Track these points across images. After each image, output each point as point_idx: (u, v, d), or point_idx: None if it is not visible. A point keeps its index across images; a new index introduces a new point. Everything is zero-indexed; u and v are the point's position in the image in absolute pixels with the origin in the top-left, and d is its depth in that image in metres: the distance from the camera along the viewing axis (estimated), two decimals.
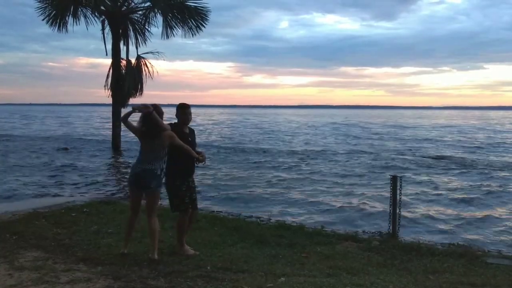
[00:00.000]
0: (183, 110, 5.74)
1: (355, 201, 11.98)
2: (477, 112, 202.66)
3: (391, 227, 7.38)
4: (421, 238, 8.14)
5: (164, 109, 5.65)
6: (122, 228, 6.90)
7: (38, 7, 20.89)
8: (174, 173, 5.60)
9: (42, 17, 21.03)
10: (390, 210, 7.41)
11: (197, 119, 69.19)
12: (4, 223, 7.06)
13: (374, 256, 6.11)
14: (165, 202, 10.18)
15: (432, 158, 22.65)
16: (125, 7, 22.00)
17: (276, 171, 17.44)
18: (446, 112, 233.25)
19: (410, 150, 26.96)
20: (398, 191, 7.32)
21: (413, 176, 16.40)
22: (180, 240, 5.76)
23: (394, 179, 7.39)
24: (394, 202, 7.33)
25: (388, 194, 7.66)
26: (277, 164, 19.34)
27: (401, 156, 23.16)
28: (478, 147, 29.49)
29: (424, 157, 22.84)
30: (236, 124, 61.26)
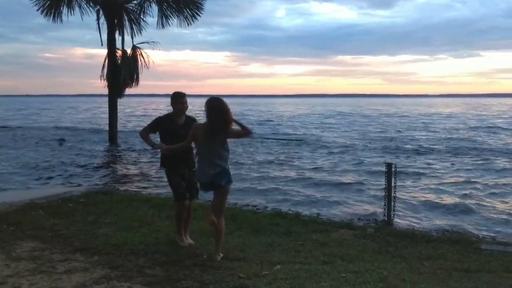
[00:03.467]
0: (178, 99, 5.57)
1: (351, 187, 12.05)
2: (474, 100, 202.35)
3: (386, 215, 7.44)
4: (416, 225, 8.21)
5: (160, 99, 5.60)
6: (119, 218, 6.95)
7: None
8: (168, 164, 5.66)
9: (36, 7, 20.93)
10: (385, 197, 7.45)
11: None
12: (1, 214, 7.06)
13: (369, 243, 6.15)
14: (159, 191, 10.29)
15: (428, 146, 22.74)
16: None
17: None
18: (444, 100, 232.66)
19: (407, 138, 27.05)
20: (393, 178, 7.36)
21: (409, 163, 16.48)
22: (177, 230, 5.73)
23: (389, 166, 7.43)
24: (389, 189, 7.38)
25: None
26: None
27: (395, 144, 23.26)
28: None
29: (420, 145, 22.91)
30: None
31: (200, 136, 4.96)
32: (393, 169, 7.35)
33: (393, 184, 7.37)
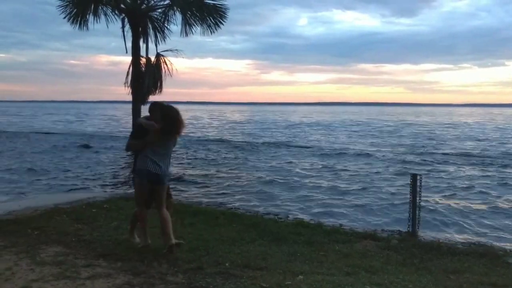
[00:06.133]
0: (157, 106, 5.73)
1: (375, 198, 11.90)
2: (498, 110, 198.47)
3: (410, 226, 7.32)
4: (441, 237, 8.04)
5: (182, 106, 5.71)
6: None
7: (59, 5, 21.14)
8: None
9: (63, 15, 21.32)
10: (410, 208, 7.34)
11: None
12: (26, 219, 7.18)
13: (393, 255, 6.06)
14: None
15: (457, 154, 22.37)
16: (144, 5, 22.14)
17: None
18: (467, 109, 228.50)
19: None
20: (418, 190, 7.25)
21: (434, 173, 16.22)
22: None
23: (414, 177, 7.32)
24: (414, 200, 7.26)
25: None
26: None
27: (422, 153, 22.94)
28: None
29: (448, 154, 22.55)
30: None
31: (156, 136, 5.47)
32: (418, 180, 7.24)
33: (418, 196, 7.25)
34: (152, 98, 21.99)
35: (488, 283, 5.01)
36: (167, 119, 5.48)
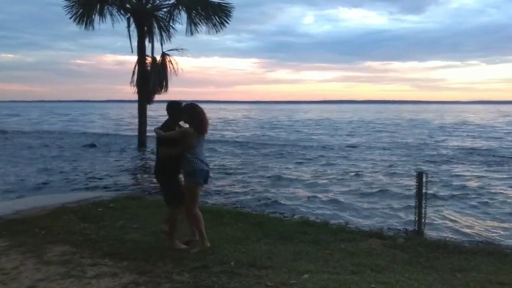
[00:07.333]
0: (179, 109, 5.74)
1: (381, 196, 11.85)
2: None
3: (416, 224, 7.28)
4: (448, 235, 8.00)
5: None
6: (147, 223, 7.01)
7: (65, 6, 21.30)
8: (176, 170, 5.72)
9: (69, 16, 21.43)
10: (416, 207, 7.30)
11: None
12: (33, 218, 7.22)
13: (399, 253, 6.03)
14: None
15: (463, 151, 22.24)
16: (150, 5, 22.23)
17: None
18: (476, 107, 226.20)
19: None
20: (424, 188, 7.21)
21: (442, 171, 16.13)
22: (172, 235, 5.82)
23: (419, 175, 7.28)
24: (420, 198, 7.22)
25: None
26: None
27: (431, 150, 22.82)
28: None
29: (455, 151, 22.41)
30: None
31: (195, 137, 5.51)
32: (424, 178, 7.20)
33: (424, 194, 7.21)
34: (157, 97, 22.10)
35: (496, 281, 4.97)
36: (197, 118, 5.54)
